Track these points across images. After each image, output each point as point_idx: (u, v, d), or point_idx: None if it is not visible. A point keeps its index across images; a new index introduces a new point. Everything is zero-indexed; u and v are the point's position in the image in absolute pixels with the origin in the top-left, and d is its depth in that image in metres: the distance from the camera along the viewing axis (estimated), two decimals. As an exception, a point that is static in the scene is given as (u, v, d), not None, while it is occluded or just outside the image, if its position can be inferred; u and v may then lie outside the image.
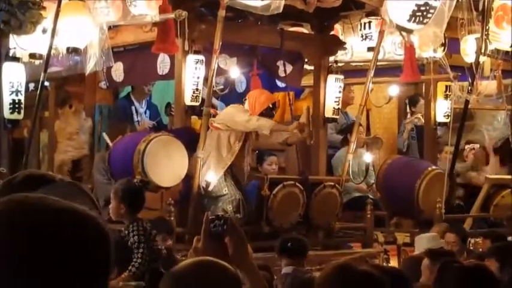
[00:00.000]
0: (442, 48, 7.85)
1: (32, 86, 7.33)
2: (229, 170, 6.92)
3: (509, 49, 7.81)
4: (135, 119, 7.81)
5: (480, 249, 6.14)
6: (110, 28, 6.67)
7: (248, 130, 6.79)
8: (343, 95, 8.30)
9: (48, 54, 6.38)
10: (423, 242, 5.85)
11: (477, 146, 9.33)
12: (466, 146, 9.16)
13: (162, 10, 6.17)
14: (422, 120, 9.17)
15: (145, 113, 7.92)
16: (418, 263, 4.96)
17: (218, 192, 6.71)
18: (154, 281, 4.49)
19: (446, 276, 2.16)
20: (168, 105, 7.84)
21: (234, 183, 6.87)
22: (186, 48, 6.47)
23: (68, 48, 6.48)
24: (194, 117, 7.11)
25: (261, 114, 6.80)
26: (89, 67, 6.48)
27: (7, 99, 6.45)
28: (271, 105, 6.92)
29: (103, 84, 7.80)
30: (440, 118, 8.62)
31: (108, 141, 7.00)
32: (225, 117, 6.85)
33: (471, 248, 7.05)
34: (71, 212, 1.20)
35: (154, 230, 5.11)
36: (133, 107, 7.84)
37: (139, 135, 6.81)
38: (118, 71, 7.46)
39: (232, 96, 8.36)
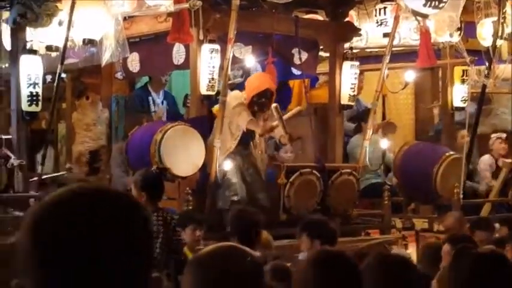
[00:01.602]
0: (458, 32, 7.80)
1: (49, 78, 7.37)
2: (246, 156, 6.91)
3: (526, 32, 7.75)
4: (152, 109, 7.83)
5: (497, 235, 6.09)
6: (125, 19, 6.70)
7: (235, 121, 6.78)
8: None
9: (65, 46, 6.42)
10: None
11: (504, 135, 9.19)
12: (493, 135, 9.04)
13: (176, 0, 6.18)
14: None
15: (162, 103, 7.94)
16: (436, 249, 4.97)
17: (230, 180, 6.70)
18: (179, 270, 4.53)
19: (462, 262, 2.17)
20: (186, 96, 7.85)
21: (252, 171, 6.87)
22: (201, 37, 6.48)
23: (84, 40, 6.52)
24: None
25: (256, 99, 6.73)
26: (105, 58, 6.52)
27: (25, 92, 6.51)
28: (269, 91, 6.79)
29: (119, 75, 7.83)
30: (458, 103, 8.58)
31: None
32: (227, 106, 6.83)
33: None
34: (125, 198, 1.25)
35: (175, 220, 5.14)
36: (150, 98, 7.85)
37: (155, 126, 6.84)
38: (134, 62, 7.48)
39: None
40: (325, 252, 2.48)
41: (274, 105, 6.58)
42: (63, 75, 7.12)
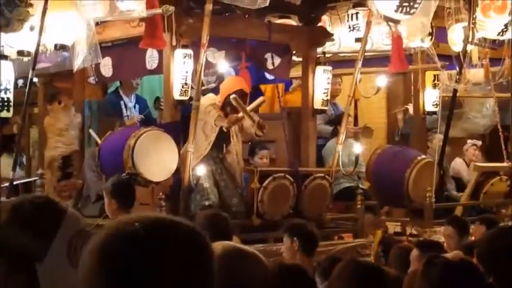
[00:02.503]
0: (430, 37, 7.89)
1: (20, 82, 7.32)
2: (220, 161, 6.93)
3: (496, 37, 7.84)
4: (124, 113, 7.81)
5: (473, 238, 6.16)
6: (97, 24, 6.67)
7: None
8: (331, 86, 8.33)
9: (36, 52, 6.37)
10: None
11: (479, 143, 9.30)
12: (469, 141, 9.15)
13: (149, 5, 6.16)
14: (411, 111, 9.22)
15: (134, 107, 7.93)
16: (406, 252, 5.01)
17: (202, 185, 6.71)
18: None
19: (432, 270, 2.19)
20: (157, 99, 7.85)
21: (226, 176, 6.88)
22: (174, 42, 6.48)
23: (55, 45, 6.48)
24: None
25: (230, 99, 6.74)
26: (77, 64, 6.48)
27: (-4, 98, 6.45)
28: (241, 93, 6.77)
29: (92, 80, 7.80)
30: (429, 107, 8.67)
31: (96, 137, 7.01)
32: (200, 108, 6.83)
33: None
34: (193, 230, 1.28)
35: None
36: (122, 102, 7.84)
37: (128, 130, 6.82)
38: (107, 66, 7.46)
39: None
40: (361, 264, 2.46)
41: (233, 96, 6.56)
42: (35, 79, 7.06)
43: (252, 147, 7.57)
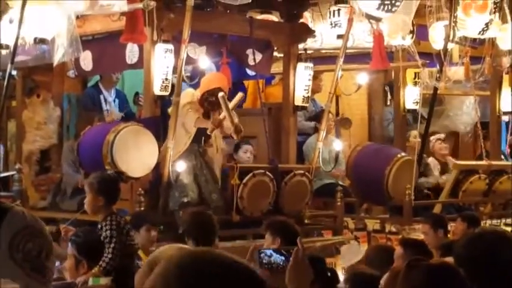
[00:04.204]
0: (411, 35, 7.89)
1: (-2, 75, 7.24)
2: (201, 156, 6.90)
3: (477, 36, 7.86)
4: (104, 107, 7.76)
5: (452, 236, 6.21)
6: (77, 17, 6.60)
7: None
8: (313, 83, 8.32)
9: (15, 45, 6.29)
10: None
11: (442, 136, 9.32)
12: (432, 137, 9.02)
13: (130, 0, 6.12)
14: None
15: (114, 101, 7.88)
16: (385, 250, 5.04)
17: (182, 181, 6.68)
18: (121, 276, 4.49)
19: (413, 274, 2.18)
20: (137, 94, 7.81)
21: (207, 171, 6.85)
22: (155, 37, 6.44)
23: (35, 39, 6.40)
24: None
25: (206, 96, 6.71)
26: (57, 57, 6.41)
27: (-27, 91, 6.37)
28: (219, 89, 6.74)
29: (71, 73, 7.73)
30: (410, 105, 8.69)
31: None
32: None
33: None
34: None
35: (129, 224, 5.10)
36: (101, 96, 7.79)
37: (108, 126, 6.77)
38: (86, 60, 7.39)
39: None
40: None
41: (220, 94, 6.54)
42: (14, 72, 6.98)
43: (236, 142, 7.54)
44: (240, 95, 6.93)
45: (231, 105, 6.66)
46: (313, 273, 2.33)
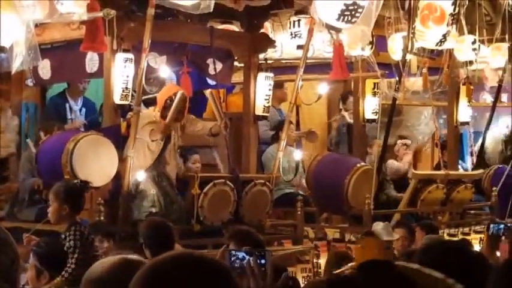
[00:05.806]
0: (370, 46, 7.98)
1: (-44, 84, 7.14)
2: (160, 168, 6.91)
3: (435, 47, 7.98)
4: (69, 116, 7.71)
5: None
6: (36, 25, 6.54)
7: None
8: (278, 92, 8.36)
9: (-27, 53, 6.22)
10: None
11: (409, 142, 9.48)
12: (398, 141, 9.29)
13: (90, 8, 6.08)
14: (348, 119, 9.31)
15: (80, 110, 7.82)
16: (342, 258, 5.08)
17: (147, 191, 6.69)
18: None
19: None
20: (103, 104, 7.74)
21: (166, 183, 6.87)
22: (115, 46, 6.41)
23: (-7, 47, 6.32)
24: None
25: (169, 102, 6.78)
26: (15, 66, 6.33)
27: None
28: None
29: (30, 82, 7.65)
30: (369, 115, 8.77)
31: (32, 148, 6.91)
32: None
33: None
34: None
35: (91, 233, 5.06)
36: (67, 105, 7.74)
37: (67, 134, 6.71)
38: (45, 69, 7.32)
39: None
40: None
41: (208, 91, 6.57)
42: (-29, 81, 6.91)
43: (183, 153, 7.52)
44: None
45: (173, 106, 6.72)
46: (276, 282, 2.34)
